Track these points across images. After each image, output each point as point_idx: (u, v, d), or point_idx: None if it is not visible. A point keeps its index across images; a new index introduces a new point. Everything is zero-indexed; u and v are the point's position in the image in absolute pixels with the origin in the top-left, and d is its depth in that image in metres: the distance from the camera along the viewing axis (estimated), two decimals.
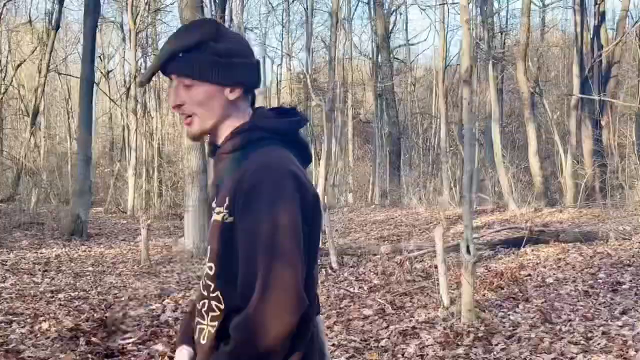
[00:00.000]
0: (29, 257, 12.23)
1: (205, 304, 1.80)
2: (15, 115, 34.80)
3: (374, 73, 30.45)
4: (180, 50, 1.82)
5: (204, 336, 1.81)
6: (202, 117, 1.84)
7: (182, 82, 1.82)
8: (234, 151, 1.83)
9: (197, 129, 1.86)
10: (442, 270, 6.91)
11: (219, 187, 1.82)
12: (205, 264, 1.82)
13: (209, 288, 1.79)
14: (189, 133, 1.88)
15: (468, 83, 6.11)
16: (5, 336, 6.54)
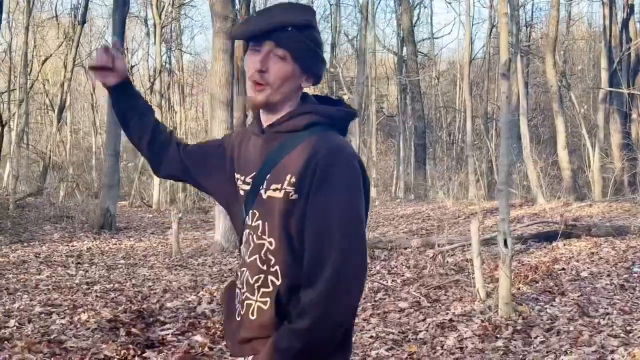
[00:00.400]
0: (61, 250, 12.38)
1: (261, 278, 1.84)
2: (41, 110, 35.13)
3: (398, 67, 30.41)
4: (290, 25, 1.85)
5: (252, 311, 1.85)
6: (274, 91, 1.88)
7: (275, 52, 1.85)
8: (292, 132, 1.88)
9: (264, 98, 1.88)
10: (478, 264, 6.92)
11: (268, 165, 1.88)
12: (264, 240, 1.84)
13: (269, 262, 1.83)
14: (255, 100, 1.90)
15: (506, 77, 6.10)
16: (46, 327, 6.66)
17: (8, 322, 6.73)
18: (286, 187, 1.81)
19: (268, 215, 1.84)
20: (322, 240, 1.75)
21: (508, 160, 6.26)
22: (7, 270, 9.88)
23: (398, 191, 27.41)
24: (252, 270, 1.86)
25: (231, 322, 1.98)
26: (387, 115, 35.56)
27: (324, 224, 1.75)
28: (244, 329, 1.89)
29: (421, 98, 28.39)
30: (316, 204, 1.77)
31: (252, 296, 1.86)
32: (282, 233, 1.82)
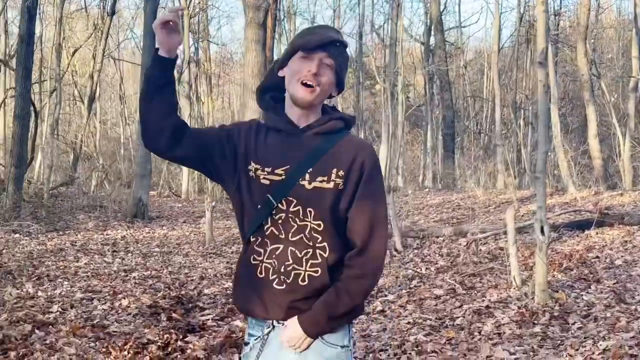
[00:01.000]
0: (96, 238, 12.58)
1: (310, 252, 2.21)
2: (69, 101, 35.47)
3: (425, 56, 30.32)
4: (338, 42, 2.30)
5: (302, 279, 2.21)
6: (319, 94, 2.27)
7: (325, 62, 2.26)
8: (329, 133, 2.30)
9: (314, 98, 2.26)
10: (513, 252, 6.97)
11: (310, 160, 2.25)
12: (307, 222, 2.21)
13: (316, 240, 2.21)
14: (307, 98, 2.25)
15: (543, 65, 6.13)
16: (88, 312, 6.82)
17: (51, 307, 6.90)
18: (334, 179, 2.23)
19: (312, 202, 2.21)
20: (373, 226, 2.24)
21: (545, 148, 6.29)
22: (45, 258, 10.08)
23: (426, 181, 27.39)
24: (298, 246, 2.21)
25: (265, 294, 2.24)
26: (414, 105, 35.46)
27: (375, 214, 2.25)
28: (292, 294, 2.22)
29: (450, 87, 28.29)
30: (369, 197, 2.25)
31: (300, 267, 2.21)
32: (330, 217, 2.22)
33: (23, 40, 13.78)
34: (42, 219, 14.48)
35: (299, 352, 2.24)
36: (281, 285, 2.22)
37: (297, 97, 2.26)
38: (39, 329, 6.02)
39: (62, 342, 5.61)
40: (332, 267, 2.22)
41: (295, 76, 2.25)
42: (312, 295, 2.21)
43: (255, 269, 2.25)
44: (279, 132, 2.31)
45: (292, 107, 2.31)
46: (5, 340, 5.61)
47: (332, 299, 2.19)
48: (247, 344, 2.35)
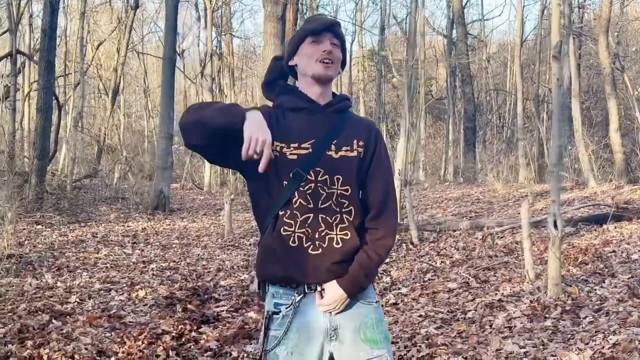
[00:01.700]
0: (117, 230, 12.73)
1: (338, 217, 2.40)
2: (93, 94, 35.76)
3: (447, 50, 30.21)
4: (338, 24, 2.58)
5: (336, 242, 2.40)
6: (336, 68, 2.53)
7: (334, 41, 2.51)
8: (343, 111, 2.56)
9: (334, 72, 2.52)
10: (527, 245, 6.97)
11: (334, 133, 2.46)
12: (334, 189, 2.40)
13: (343, 205, 2.42)
14: (328, 72, 2.49)
15: (557, 59, 6.12)
16: (105, 302, 6.93)
17: (70, 297, 7.01)
18: (357, 148, 2.47)
19: (339, 169, 2.42)
20: (388, 190, 2.51)
21: (559, 142, 6.28)
22: (66, 249, 10.23)
23: (447, 174, 27.32)
24: (328, 213, 2.39)
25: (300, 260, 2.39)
26: (436, 98, 35.34)
27: (388, 179, 2.53)
28: (329, 257, 2.40)
29: (471, 81, 28.16)
30: (383, 165, 2.52)
31: (331, 232, 2.40)
32: (355, 182, 2.44)
33: (46, 34, 13.94)
34: (64, 211, 14.66)
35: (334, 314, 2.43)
36: (317, 250, 2.39)
37: (320, 74, 2.48)
38: (56, 319, 6.14)
39: (78, 332, 5.70)
40: (358, 229, 2.44)
41: (312, 58, 2.48)
42: (346, 258, 2.41)
43: (288, 239, 2.38)
44: (300, 111, 2.50)
45: (311, 86, 2.52)
46: (23, 329, 5.73)
47: (365, 260, 2.41)
48: (276, 312, 2.44)
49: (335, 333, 2.42)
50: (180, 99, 40.15)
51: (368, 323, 2.45)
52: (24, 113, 21.75)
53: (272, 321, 2.45)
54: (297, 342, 2.42)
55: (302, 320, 2.43)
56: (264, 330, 2.47)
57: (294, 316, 2.42)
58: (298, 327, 2.42)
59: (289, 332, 2.42)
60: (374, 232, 2.46)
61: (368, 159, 2.49)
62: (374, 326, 2.46)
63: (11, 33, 16.69)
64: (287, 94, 2.56)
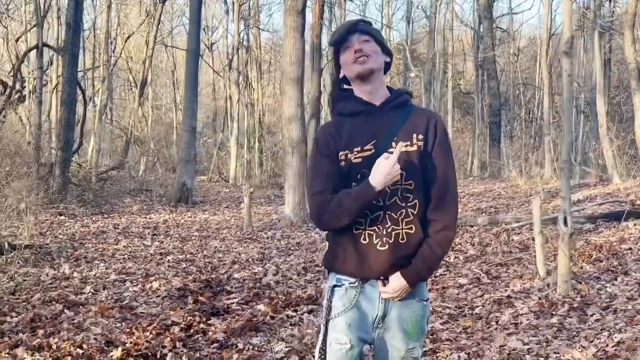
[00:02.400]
0: (139, 222, 12.88)
1: (403, 212, 2.50)
2: (124, 86, 36.10)
3: (475, 43, 30.00)
4: (361, 22, 2.68)
5: (401, 237, 2.50)
6: (374, 59, 2.58)
7: (362, 39, 2.59)
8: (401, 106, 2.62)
9: (370, 64, 2.57)
10: (539, 242, 6.92)
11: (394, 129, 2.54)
12: (398, 185, 2.48)
13: (408, 199, 2.51)
14: (366, 66, 2.56)
15: (568, 54, 6.07)
16: (119, 293, 7.03)
17: (84, 288, 7.13)
18: (416, 142, 2.53)
19: (407, 164, 2.49)
20: (448, 180, 2.55)
21: (569, 138, 6.24)
22: (87, 240, 10.38)
23: (473, 169, 27.18)
24: (394, 209, 2.50)
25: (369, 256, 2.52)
26: (464, 93, 35.13)
27: (448, 170, 2.56)
28: (396, 252, 2.50)
29: (497, 75, 27.94)
30: (442, 155, 2.55)
31: (397, 227, 2.50)
32: (418, 175, 2.52)
33: (70, 27, 14.12)
34: (88, 202, 14.87)
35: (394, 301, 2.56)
36: (384, 246, 2.50)
37: (359, 72, 2.57)
38: (69, 309, 6.25)
39: (89, 322, 5.81)
40: (422, 222, 2.53)
41: (348, 62, 2.59)
42: (411, 252, 2.51)
43: (359, 237, 2.53)
44: (357, 115, 2.61)
45: (360, 87, 2.62)
46: (35, 318, 5.85)
47: (428, 253, 2.51)
48: (339, 286, 2.61)
49: (382, 322, 2.58)
50: (209, 91, 40.38)
51: (413, 319, 2.58)
52: (51, 105, 22.01)
53: (334, 293, 2.61)
54: (355, 318, 2.58)
55: (362, 300, 2.58)
56: (327, 303, 2.61)
57: (358, 293, 2.58)
58: (358, 305, 2.58)
59: (353, 307, 2.57)
60: (435, 224, 2.54)
61: (429, 150, 2.55)
62: (417, 322, 2.59)
63: (38, 26, 16.91)
64: (343, 100, 2.69)
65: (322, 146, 2.62)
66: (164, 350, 5.14)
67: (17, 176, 12.24)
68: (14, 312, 6.07)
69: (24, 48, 21.22)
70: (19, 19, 25.65)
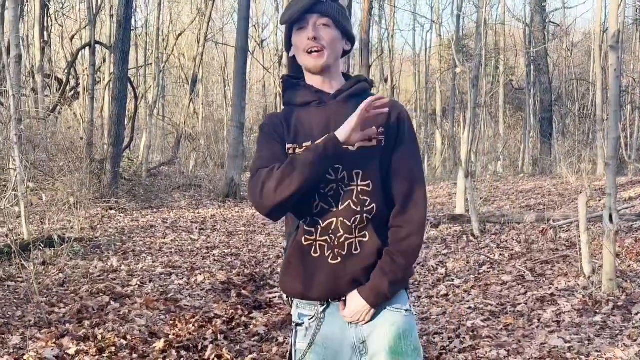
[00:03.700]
0: (187, 217, 13.06)
1: (357, 218, 2.17)
2: (176, 83, 36.57)
3: (526, 38, 29.59)
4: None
5: (355, 247, 2.18)
6: (329, 53, 2.24)
7: (320, 22, 2.23)
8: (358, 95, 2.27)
9: (324, 61, 2.23)
10: (585, 239, 6.83)
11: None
12: (353, 186, 2.18)
13: (364, 203, 2.17)
14: (318, 63, 2.23)
15: (615, 49, 5.97)
16: (165, 286, 7.15)
17: (131, 280, 7.27)
18: (375, 137, 2.19)
19: (359, 163, 2.18)
20: (414, 181, 2.22)
21: (616, 134, 6.13)
22: (135, 234, 10.57)
23: (525, 166, 26.83)
24: (347, 215, 2.17)
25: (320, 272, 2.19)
26: (516, 88, 34.68)
27: (414, 168, 2.24)
28: (349, 267, 2.18)
29: (548, 70, 27.51)
30: (407, 151, 2.24)
31: (350, 235, 2.17)
32: (377, 175, 2.19)
33: (120, 25, 14.37)
34: (139, 197, 15.13)
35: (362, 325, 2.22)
36: (336, 259, 2.17)
37: (309, 67, 2.25)
38: (115, 300, 6.39)
39: (134, 314, 5.93)
40: (380, 227, 2.20)
41: (300, 49, 2.24)
42: (368, 263, 2.17)
43: (310, 249, 2.19)
44: (308, 105, 2.27)
45: (311, 77, 2.29)
46: (82, 310, 5.99)
47: (388, 264, 2.16)
48: (300, 324, 2.28)
49: (364, 346, 2.23)
50: (260, 88, 40.66)
51: (394, 333, 2.21)
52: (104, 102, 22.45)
53: (297, 334, 2.29)
54: (324, 357, 2.25)
55: (328, 332, 2.24)
56: (290, 346, 2.32)
57: (319, 328, 2.24)
58: (324, 340, 2.25)
59: (314, 345, 2.24)
60: (398, 231, 2.19)
61: (390, 146, 2.22)
62: (401, 337, 2.22)
63: (90, 24, 17.26)
64: (292, 88, 2.34)
65: (270, 132, 2.27)
66: (205, 342, 5.23)
67: (70, 171, 12.54)
68: (62, 303, 6.23)
69: (79, 45, 21.71)
70: (74, 17, 26.24)
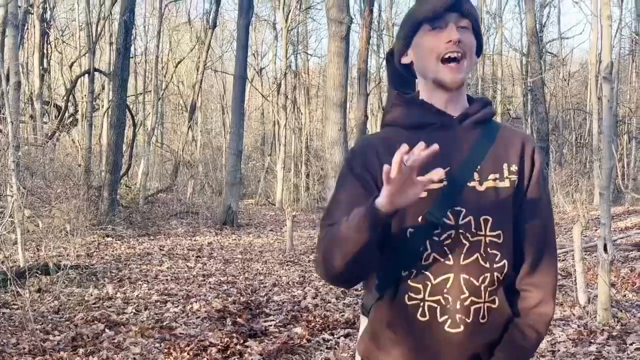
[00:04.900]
0: (184, 244, 13.06)
1: (487, 278, 1.69)
2: (175, 111, 36.75)
3: (525, 68, 29.82)
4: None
5: (482, 315, 1.70)
6: (468, 64, 1.76)
7: (461, 23, 1.75)
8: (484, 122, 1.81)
9: (465, 73, 1.76)
10: (580, 269, 6.84)
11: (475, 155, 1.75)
12: (481, 236, 1.69)
13: (494, 258, 1.70)
14: (458, 76, 1.74)
15: (608, 80, 6.04)
16: (160, 314, 7.14)
17: (126, 308, 7.27)
18: (509, 175, 1.75)
19: (487, 207, 1.71)
20: (547, 233, 1.78)
21: (610, 164, 6.18)
22: (132, 261, 10.57)
23: None
24: (474, 272, 1.68)
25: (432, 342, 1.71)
26: (513, 118, 34.84)
27: (548, 217, 1.80)
28: (474, 337, 1.70)
29: (545, 100, 27.69)
30: (541, 196, 1.79)
31: (479, 299, 1.69)
32: (509, 224, 1.74)
33: (120, 53, 14.51)
34: (136, 224, 15.14)
35: None
36: (458, 327, 1.69)
37: (446, 80, 1.74)
38: (110, 328, 6.38)
39: (129, 342, 5.92)
40: (509, 292, 1.75)
41: (433, 54, 1.74)
42: (495, 338, 1.72)
43: (415, 312, 1.71)
44: (424, 129, 1.77)
45: (434, 92, 1.79)
46: (77, 337, 5.99)
47: (518, 339, 1.72)
48: None
49: None
50: (258, 115, 40.83)
51: None
52: (102, 129, 22.55)
53: None
54: None
55: None
56: None
57: None
58: None
59: None
60: (529, 297, 1.76)
61: (524, 188, 1.77)
62: None
63: (90, 52, 17.39)
64: (403, 105, 1.84)
65: (357, 163, 1.78)
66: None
67: (67, 198, 12.56)
68: (56, 330, 6.23)
69: (78, 72, 21.84)
70: (73, 44, 26.42)
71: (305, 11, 32.43)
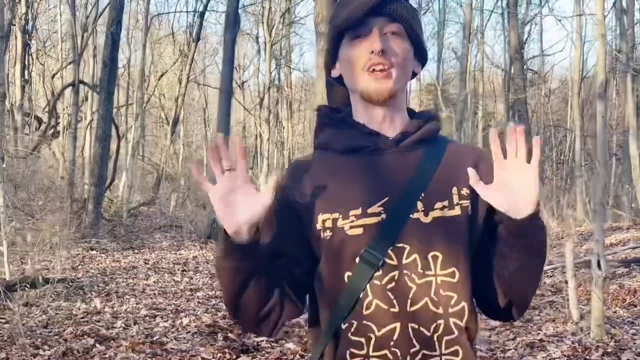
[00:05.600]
0: (169, 258, 12.95)
1: (441, 326, 1.43)
2: (156, 123, 36.62)
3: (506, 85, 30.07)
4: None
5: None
6: (399, 75, 1.51)
7: (389, 29, 1.51)
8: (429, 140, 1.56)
9: (394, 83, 1.50)
10: (572, 285, 6.86)
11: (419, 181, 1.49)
12: (430, 276, 1.44)
13: (448, 302, 1.43)
14: (384, 87, 1.49)
15: (602, 97, 6.08)
16: (150, 329, 7.06)
17: (115, 323, 7.18)
18: (459, 201, 1.49)
19: (436, 242, 1.45)
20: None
21: (604, 181, 6.21)
22: (118, 275, 10.46)
23: None
24: (424, 320, 1.43)
25: None
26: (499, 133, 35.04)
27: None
28: None
29: (528, 117, 27.92)
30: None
31: (433, 352, 1.42)
32: (465, 259, 1.47)
33: (106, 66, 14.45)
34: (120, 237, 15.01)
35: None
36: None
37: (370, 92, 1.50)
38: (100, 343, 6.29)
39: (120, 357, 5.85)
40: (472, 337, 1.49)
41: (356, 66, 1.51)
42: None
43: None
44: (356, 153, 1.53)
45: (367, 108, 1.55)
46: (67, 352, 5.90)
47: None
48: None
49: None
50: (240, 129, 40.76)
51: None
52: (85, 141, 22.38)
53: None
54: None
55: None
56: None
57: None
58: None
59: None
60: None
61: (480, 214, 1.52)
62: None
63: (74, 64, 17.28)
64: (332, 125, 1.59)
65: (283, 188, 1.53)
66: None
67: (51, 210, 12.44)
68: (46, 345, 6.13)
69: (59, 84, 21.69)
70: (55, 56, 26.26)
71: (289, 25, 32.48)
